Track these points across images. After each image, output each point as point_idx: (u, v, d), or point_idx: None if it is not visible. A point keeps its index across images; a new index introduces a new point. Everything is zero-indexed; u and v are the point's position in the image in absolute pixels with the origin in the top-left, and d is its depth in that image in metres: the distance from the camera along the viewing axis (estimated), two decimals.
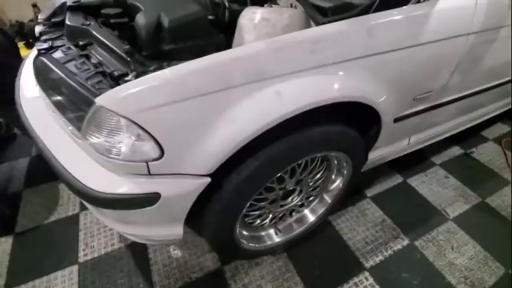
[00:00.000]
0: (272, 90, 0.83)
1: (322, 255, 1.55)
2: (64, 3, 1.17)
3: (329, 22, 0.93)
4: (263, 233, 1.33)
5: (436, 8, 1.02)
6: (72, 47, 1.00)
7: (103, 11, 1.11)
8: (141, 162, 0.81)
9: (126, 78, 0.81)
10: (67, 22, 1.06)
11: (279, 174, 1.05)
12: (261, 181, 0.98)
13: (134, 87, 0.75)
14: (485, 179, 1.99)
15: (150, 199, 0.86)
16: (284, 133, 0.93)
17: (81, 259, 1.52)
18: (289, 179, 1.15)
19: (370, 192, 1.88)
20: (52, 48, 1.01)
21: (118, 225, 1.03)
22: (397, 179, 1.97)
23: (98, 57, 0.94)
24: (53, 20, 1.17)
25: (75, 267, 1.48)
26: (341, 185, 1.36)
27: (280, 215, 1.34)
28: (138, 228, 1.01)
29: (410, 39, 1.01)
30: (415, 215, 1.75)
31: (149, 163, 0.82)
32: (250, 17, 1.02)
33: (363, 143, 1.20)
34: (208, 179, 0.88)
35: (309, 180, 1.25)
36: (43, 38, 1.09)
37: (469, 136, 2.29)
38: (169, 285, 1.43)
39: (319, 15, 0.95)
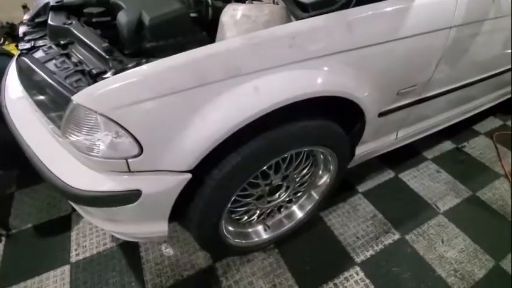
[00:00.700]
0: (250, 86, 0.83)
1: (313, 250, 1.56)
2: (47, 3, 1.17)
3: (309, 17, 0.93)
4: (250, 230, 1.33)
5: (417, 1, 1.02)
6: (53, 46, 1.00)
7: (85, 10, 1.11)
8: (120, 160, 0.81)
9: (104, 76, 0.81)
10: (49, 22, 1.06)
11: (261, 170, 1.04)
12: (243, 177, 0.98)
13: (110, 85, 0.75)
14: (476, 172, 1.99)
15: (131, 196, 0.86)
16: (265, 128, 0.93)
17: (73, 259, 1.52)
18: (274, 175, 1.14)
19: (362, 187, 1.88)
20: (34, 48, 1.01)
21: (104, 223, 1.03)
22: (388, 174, 1.97)
23: (79, 56, 0.94)
24: (36, 20, 1.17)
25: (67, 267, 1.48)
26: (328, 180, 1.36)
27: (268, 211, 1.34)
28: (124, 226, 1.01)
29: (391, 33, 1.01)
30: (406, 210, 1.75)
31: (128, 160, 0.82)
32: (231, 14, 1.02)
33: (348, 138, 1.20)
34: (189, 175, 0.88)
35: (295, 176, 1.25)
36: (26, 38, 1.09)
37: (461, 130, 2.29)
38: (161, 283, 1.43)
39: (300, 10, 0.95)
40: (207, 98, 0.80)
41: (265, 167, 1.05)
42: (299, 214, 1.44)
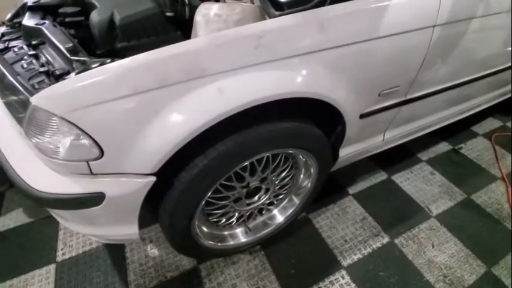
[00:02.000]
0: (214, 88, 0.80)
1: (299, 253, 1.52)
2: (25, 4, 1.16)
3: (281, 16, 0.90)
4: (226, 233, 1.30)
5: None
6: (24, 46, 0.99)
7: (60, 10, 1.10)
8: (81, 162, 0.80)
9: (67, 77, 0.79)
10: (23, 22, 1.05)
11: (233, 172, 1.01)
12: (212, 179, 0.96)
13: (68, 86, 0.74)
14: (472, 175, 1.93)
15: (94, 199, 0.85)
16: (234, 130, 0.90)
17: (59, 258, 1.52)
18: (250, 177, 1.11)
19: (353, 189, 1.84)
20: (6, 49, 1.00)
21: (75, 225, 1.02)
22: (381, 176, 1.92)
23: (47, 56, 0.93)
24: (14, 20, 1.16)
25: (52, 266, 1.48)
26: (309, 183, 1.32)
27: (248, 214, 1.31)
28: (94, 228, 1.00)
29: (369, 32, 0.97)
30: (397, 213, 1.70)
31: (90, 163, 0.80)
32: (204, 13, 0.99)
33: (327, 140, 1.16)
34: (153, 178, 0.86)
35: (274, 179, 1.21)
36: (3, 38, 1.08)
37: (458, 131, 2.23)
38: (144, 284, 1.42)
39: (273, 9, 0.91)
40: (169, 99, 0.78)
41: (236, 169, 1.02)
42: (279, 218, 1.41)
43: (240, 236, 1.33)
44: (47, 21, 1.03)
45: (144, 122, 0.78)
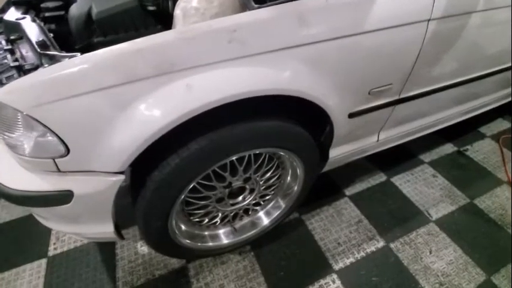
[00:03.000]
0: (182, 84, 0.76)
1: (289, 255, 1.48)
2: None
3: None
4: (206, 233, 1.26)
5: None
6: (3, 41, 0.98)
7: (42, 5, 1.08)
8: (47, 159, 0.77)
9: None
10: (4, 17, 1.04)
11: (209, 172, 0.97)
12: (186, 179, 0.92)
13: (31, 80, 0.71)
14: (476, 178, 1.83)
15: (63, 197, 0.83)
16: (209, 128, 0.86)
17: (51, 253, 1.52)
18: (230, 177, 1.07)
19: (349, 191, 1.77)
20: None
21: (54, 224, 1.00)
22: (380, 178, 1.85)
23: (22, 51, 0.91)
24: (0, 15, 1.15)
25: (44, 261, 1.48)
26: (296, 186, 1.27)
27: (232, 214, 1.27)
28: (71, 227, 0.98)
29: (355, 26, 0.91)
30: (394, 216, 1.63)
31: (56, 160, 0.78)
32: (182, 6, 0.95)
33: (312, 140, 1.10)
34: (122, 177, 0.83)
35: (258, 179, 1.16)
36: None
37: (464, 132, 2.13)
38: (132, 281, 1.40)
39: (252, 1, 0.86)
40: (136, 96, 0.75)
41: (215, 169, 0.98)
42: (265, 220, 1.36)
43: (223, 237, 1.29)
44: (27, 16, 1.01)
45: (109, 119, 0.75)
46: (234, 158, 0.97)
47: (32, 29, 0.93)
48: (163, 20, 1.02)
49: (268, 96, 0.88)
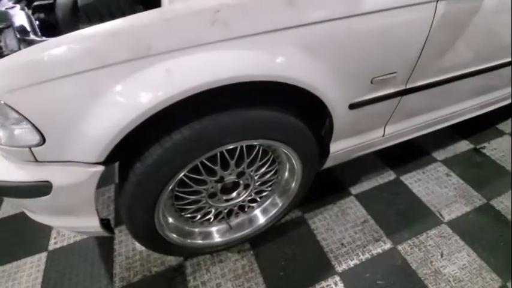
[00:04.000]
0: (161, 68, 0.71)
1: (290, 255, 1.40)
2: None
3: None
4: (196, 230, 1.20)
5: None
6: None
7: None
8: (23, 148, 0.74)
9: None
10: None
11: (196, 164, 0.91)
12: (170, 171, 0.86)
13: (2, 65, 0.67)
14: (494, 178, 1.70)
15: (41, 188, 0.79)
16: (194, 117, 0.80)
17: (51, 247, 1.51)
18: (222, 171, 1.00)
19: (355, 189, 1.67)
20: None
21: (42, 218, 0.97)
22: (388, 176, 1.74)
23: (6, 40, 0.88)
24: None
25: (44, 254, 1.47)
26: (294, 183, 1.19)
27: (226, 211, 1.20)
28: (52, 219, 0.95)
29: (354, 7, 0.82)
30: (403, 217, 1.53)
31: (32, 149, 0.74)
32: None
33: (309, 132, 1.02)
34: (101, 168, 0.78)
35: (252, 173, 1.09)
36: None
37: (482, 129, 1.98)
38: (129, 278, 1.36)
39: None
40: (111, 81, 0.70)
41: (203, 161, 0.92)
42: (260, 219, 1.28)
43: (215, 234, 1.23)
44: (17, 5, 0.99)
45: (84, 106, 0.70)
46: (222, 149, 0.91)
47: (18, 17, 0.91)
48: (150, 5, 0.97)
49: (262, 86, 0.82)
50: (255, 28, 0.75)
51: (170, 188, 0.91)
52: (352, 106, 1.02)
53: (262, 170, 1.10)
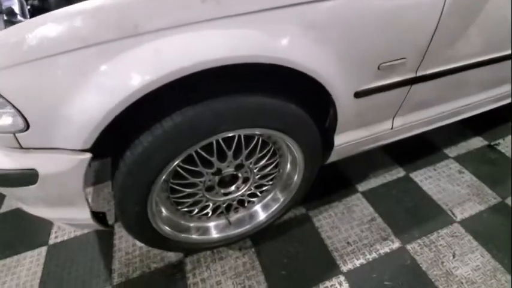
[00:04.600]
0: (150, 48, 0.66)
1: (293, 253, 1.34)
2: None
3: None
4: (191, 224, 1.14)
5: None
6: None
7: None
8: (7, 134, 0.70)
9: None
10: None
11: (190, 153, 0.85)
12: (161, 161, 0.81)
13: None
14: (508, 175, 1.61)
15: (27, 176, 0.75)
16: (186, 103, 0.75)
17: (52, 241, 1.48)
18: (218, 162, 0.95)
19: (362, 186, 1.60)
20: None
21: (28, 208, 0.93)
22: (397, 173, 1.66)
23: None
24: None
25: (44, 249, 1.45)
26: (296, 176, 1.12)
27: (224, 205, 1.14)
28: (42, 210, 0.91)
29: None
30: (412, 215, 1.45)
31: (17, 135, 0.70)
32: None
33: (311, 122, 0.95)
34: (89, 155, 0.74)
35: (251, 166, 1.03)
36: None
37: (496, 125, 1.88)
38: (128, 273, 1.33)
39: None
40: (96, 62, 0.65)
41: (198, 151, 0.87)
42: (260, 215, 1.22)
43: (213, 230, 1.17)
44: None
45: (69, 88, 0.66)
46: (218, 138, 0.85)
47: (9, 1, 0.87)
48: None
49: (261, 70, 0.76)
50: (251, 6, 0.69)
51: (163, 178, 0.86)
52: (358, 94, 0.95)
53: (262, 162, 1.04)
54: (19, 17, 0.77)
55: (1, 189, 0.84)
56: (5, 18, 0.76)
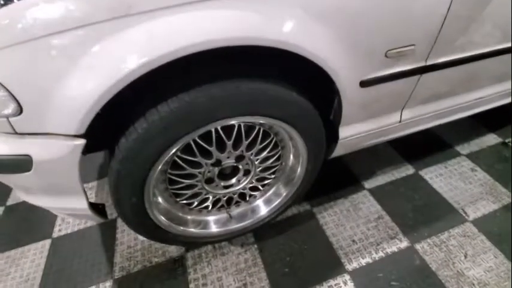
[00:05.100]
0: (144, 29, 0.63)
1: (296, 250, 1.30)
2: None
3: None
4: (189, 217, 1.11)
5: None
6: None
7: None
8: (1, 118, 0.67)
9: None
10: None
11: (186, 142, 0.82)
12: (156, 148, 0.77)
13: None
14: None
15: (21, 162, 0.73)
16: (183, 88, 0.72)
17: (55, 234, 1.48)
18: (218, 153, 0.91)
19: (369, 183, 1.54)
20: None
21: (27, 197, 0.92)
22: (406, 170, 1.59)
23: None
24: None
25: (48, 241, 1.45)
26: (299, 169, 1.07)
27: (225, 198, 1.11)
28: (38, 198, 0.89)
29: None
30: (422, 214, 1.39)
31: (10, 119, 0.68)
32: None
33: (314, 111, 0.91)
34: (82, 141, 0.71)
35: (252, 157, 0.99)
36: None
37: (509, 122, 1.79)
38: (129, 267, 1.31)
39: None
40: (88, 43, 0.63)
41: (195, 140, 0.84)
42: (262, 210, 1.18)
43: (212, 224, 1.14)
44: None
45: (62, 70, 0.64)
46: (216, 126, 0.82)
47: None
48: None
49: (261, 54, 0.72)
50: None
51: (160, 168, 0.83)
52: (364, 83, 0.90)
53: (263, 154, 1.00)
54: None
55: (3, 178, 0.82)
56: (1, 2, 0.75)
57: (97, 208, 0.97)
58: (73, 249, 1.40)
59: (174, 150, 0.81)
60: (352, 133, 1.09)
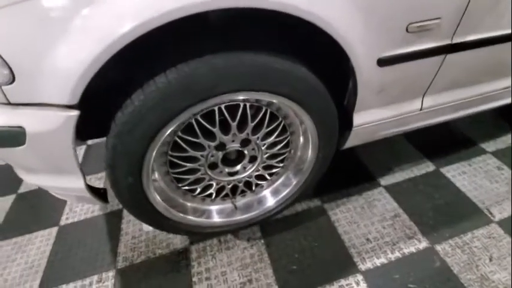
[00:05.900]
0: None
1: (305, 247, 1.21)
2: None
3: None
4: (191, 205, 1.04)
5: None
6: None
7: None
8: None
9: None
10: None
11: (182, 119, 0.75)
12: (154, 123, 0.71)
13: None
14: None
15: (14, 134, 0.69)
16: (182, 58, 0.66)
17: (63, 222, 1.46)
18: (221, 134, 0.84)
19: (386, 180, 1.44)
20: None
21: (23, 174, 0.88)
22: (426, 167, 1.48)
23: None
24: None
25: (55, 229, 1.43)
26: (310, 154, 0.98)
27: (229, 186, 1.03)
28: (35, 176, 0.85)
29: None
30: (442, 213, 1.27)
31: (3, 88, 0.64)
32: None
33: (325, 90, 0.83)
34: (76, 112, 0.66)
35: (259, 142, 0.92)
36: None
37: None
38: (132, 258, 1.27)
39: None
40: (78, 5, 0.58)
41: (197, 119, 0.78)
42: (269, 201, 1.09)
43: (216, 214, 1.06)
44: None
45: (52, 34, 0.60)
46: (220, 105, 0.75)
47: None
48: None
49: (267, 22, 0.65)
50: None
51: (159, 146, 0.78)
52: (382, 62, 0.81)
53: (271, 139, 0.93)
54: None
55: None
56: None
57: (98, 192, 0.92)
58: (78, 238, 1.38)
59: (173, 127, 0.75)
60: (368, 120, 0.99)
